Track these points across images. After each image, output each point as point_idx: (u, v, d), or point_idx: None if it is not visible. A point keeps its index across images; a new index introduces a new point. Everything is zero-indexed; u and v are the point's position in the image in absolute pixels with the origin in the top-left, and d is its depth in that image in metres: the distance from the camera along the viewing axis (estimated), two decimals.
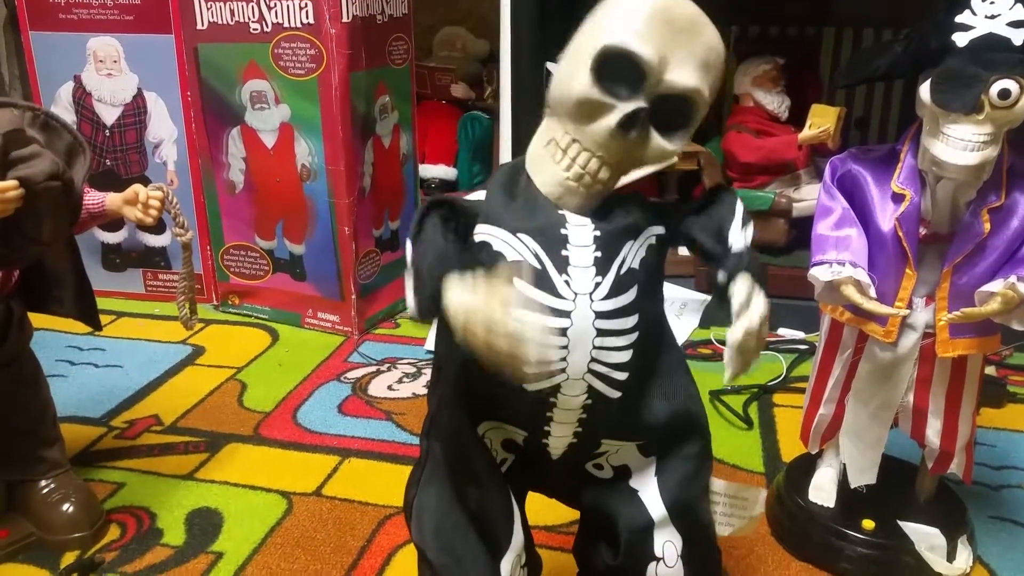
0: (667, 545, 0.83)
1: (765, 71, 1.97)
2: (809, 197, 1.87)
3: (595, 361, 0.75)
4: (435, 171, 2.51)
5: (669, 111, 0.72)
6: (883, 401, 1.06)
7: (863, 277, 0.96)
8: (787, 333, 1.81)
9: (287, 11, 1.70)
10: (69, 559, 1.15)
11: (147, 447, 1.42)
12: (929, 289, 0.99)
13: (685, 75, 0.70)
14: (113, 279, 2.07)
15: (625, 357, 0.76)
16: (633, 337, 0.76)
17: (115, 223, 2.00)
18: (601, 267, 0.75)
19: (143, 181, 1.62)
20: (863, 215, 1.00)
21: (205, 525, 1.22)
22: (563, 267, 0.74)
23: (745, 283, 0.74)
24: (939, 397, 1.05)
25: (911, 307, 0.99)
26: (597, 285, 0.74)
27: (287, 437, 1.46)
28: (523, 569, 0.86)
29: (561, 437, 0.80)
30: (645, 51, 0.69)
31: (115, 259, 2.08)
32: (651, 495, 0.83)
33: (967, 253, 0.95)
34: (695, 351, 1.77)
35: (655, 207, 0.80)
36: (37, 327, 1.20)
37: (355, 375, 1.69)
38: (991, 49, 0.86)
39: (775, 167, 1.93)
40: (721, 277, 0.76)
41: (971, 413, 1.07)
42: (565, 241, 0.74)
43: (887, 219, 0.97)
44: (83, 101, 1.96)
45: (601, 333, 0.75)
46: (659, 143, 0.73)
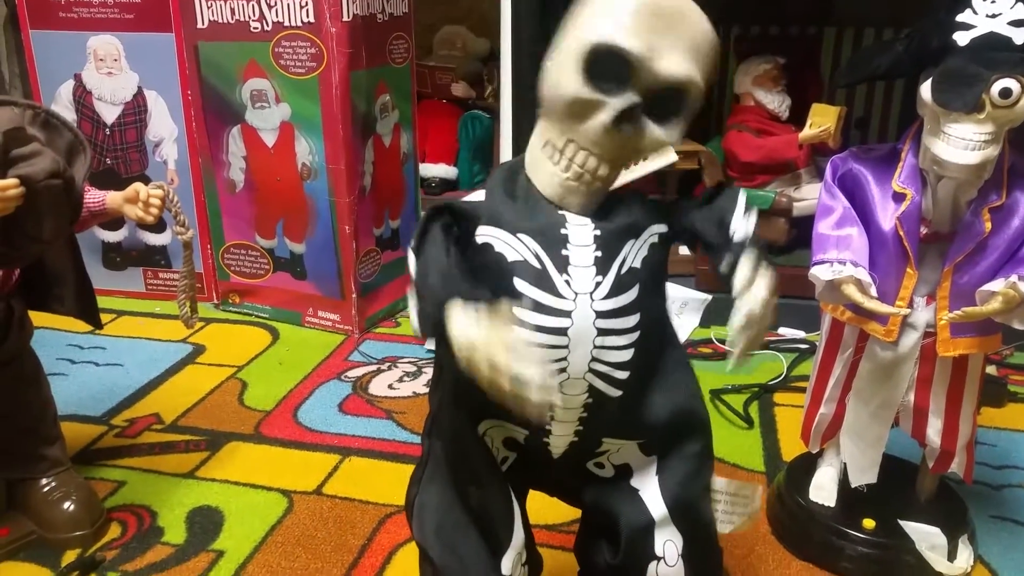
0: (668, 544, 0.83)
1: (766, 70, 1.97)
2: (810, 196, 1.86)
3: (596, 360, 0.75)
4: (435, 170, 2.50)
5: (663, 101, 0.71)
6: (884, 400, 1.06)
7: (864, 276, 0.96)
8: (788, 332, 1.81)
9: (287, 10, 1.70)
10: (70, 557, 1.15)
11: (148, 445, 1.43)
12: (930, 288, 0.99)
13: (676, 64, 0.69)
14: (114, 278, 2.07)
15: (626, 356, 0.76)
16: (634, 336, 0.76)
17: (115, 222, 2.00)
18: (601, 266, 0.75)
19: (143, 180, 1.61)
20: (864, 214, 1.00)
21: (206, 523, 1.22)
22: (563, 267, 0.74)
23: (749, 262, 0.74)
24: (940, 396, 1.05)
25: (912, 306, 0.99)
26: (598, 284, 0.74)
27: (288, 436, 1.46)
28: (524, 567, 0.86)
29: (562, 436, 0.80)
30: (633, 45, 0.68)
31: (116, 258, 2.08)
32: (652, 494, 0.83)
33: (968, 252, 0.95)
34: (695, 350, 1.77)
35: (657, 205, 0.80)
36: (38, 325, 1.20)
37: (356, 374, 1.69)
38: (992, 48, 0.86)
39: (776, 166, 1.93)
40: (725, 265, 0.76)
41: (972, 412, 1.07)
42: (565, 241, 0.74)
43: (888, 218, 0.97)
44: (83, 100, 1.96)
45: (602, 332, 0.75)
46: (655, 133, 0.72)
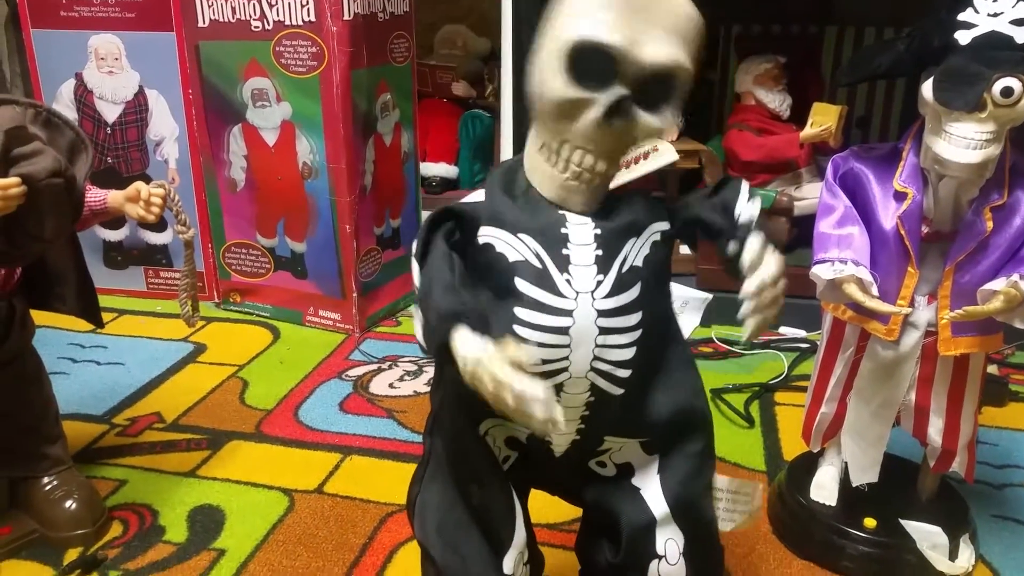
0: (669, 543, 0.83)
1: (767, 69, 1.96)
2: (811, 195, 1.86)
3: (598, 359, 0.75)
4: (436, 169, 2.51)
5: (652, 88, 0.70)
6: (885, 399, 1.06)
7: (865, 275, 0.96)
8: (789, 331, 1.81)
9: (288, 9, 1.70)
10: (71, 556, 1.15)
11: (149, 444, 1.43)
12: (931, 287, 0.99)
13: (659, 50, 0.68)
14: (115, 277, 2.08)
15: (628, 355, 0.76)
16: (636, 335, 0.76)
17: (117, 221, 2.01)
18: (602, 265, 0.75)
19: (144, 179, 1.62)
20: (865, 213, 1.00)
21: (207, 522, 1.22)
22: (564, 266, 0.74)
23: (757, 241, 0.73)
24: (941, 395, 1.05)
25: (913, 305, 0.99)
26: (599, 283, 0.74)
27: (289, 435, 1.46)
28: (525, 566, 0.86)
29: (564, 434, 0.80)
30: (614, 39, 0.67)
31: (117, 257, 2.08)
32: (653, 493, 0.83)
33: (969, 251, 0.95)
34: (696, 350, 1.77)
35: (659, 203, 0.80)
36: (39, 324, 1.20)
37: (356, 373, 1.69)
38: (994, 47, 0.86)
39: (777, 165, 1.93)
40: (731, 248, 0.75)
41: (973, 412, 1.07)
42: (566, 240, 0.74)
43: (889, 217, 0.97)
44: (84, 99, 1.96)
45: (603, 331, 0.75)
46: (649, 122, 0.71)
